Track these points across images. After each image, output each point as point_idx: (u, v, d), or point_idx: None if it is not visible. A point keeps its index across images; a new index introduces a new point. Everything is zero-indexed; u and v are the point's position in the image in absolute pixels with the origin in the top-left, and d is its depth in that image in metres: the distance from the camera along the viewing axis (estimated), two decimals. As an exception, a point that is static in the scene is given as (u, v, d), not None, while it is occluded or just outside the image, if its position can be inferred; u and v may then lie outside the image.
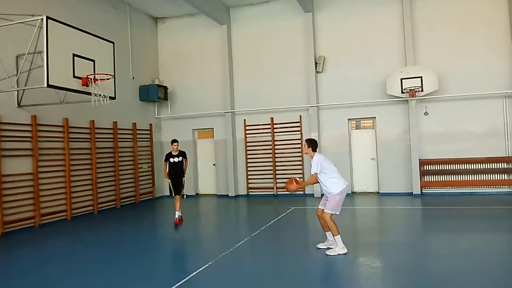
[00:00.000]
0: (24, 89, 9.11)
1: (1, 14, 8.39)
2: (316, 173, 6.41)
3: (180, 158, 9.63)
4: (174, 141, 9.69)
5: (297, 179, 6.70)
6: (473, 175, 12.05)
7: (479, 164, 12.00)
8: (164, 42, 15.45)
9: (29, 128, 9.75)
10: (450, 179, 12.27)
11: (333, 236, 6.36)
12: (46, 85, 7.76)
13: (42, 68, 7.77)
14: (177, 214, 9.54)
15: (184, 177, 9.75)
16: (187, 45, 15.04)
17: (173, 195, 9.68)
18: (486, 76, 11.88)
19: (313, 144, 6.65)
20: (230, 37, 14.49)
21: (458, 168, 12.17)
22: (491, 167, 11.91)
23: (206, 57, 14.76)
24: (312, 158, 6.58)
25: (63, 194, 10.61)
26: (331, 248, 6.38)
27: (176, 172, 9.59)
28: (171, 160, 9.60)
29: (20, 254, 7.35)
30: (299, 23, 13.66)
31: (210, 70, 14.67)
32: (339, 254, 6.22)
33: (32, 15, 8.03)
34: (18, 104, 9.53)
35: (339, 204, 6.39)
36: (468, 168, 12.09)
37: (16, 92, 9.35)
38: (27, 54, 8.04)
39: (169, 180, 9.60)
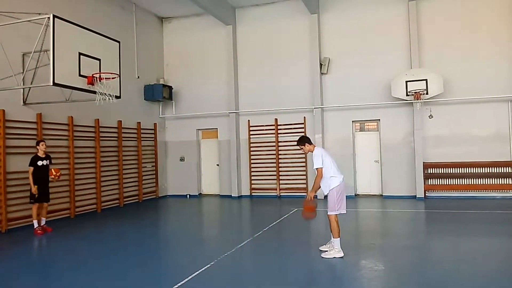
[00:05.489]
0: (30, 87, 9.16)
1: (8, 12, 8.43)
2: (321, 168, 6.25)
3: (47, 162, 8.70)
4: (41, 141, 8.80)
5: (308, 199, 6.42)
6: (477, 179, 12.00)
7: (483, 168, 11.93)
8: (170, 41, 15.48)
9: (34, 126, 9.80)
10: (454, 183, 12.22)
11: (332, 237, 6.32)
12: (52, 84, 7.79)
13: (48, 66, 7.80)
14: (43, 221, 8.77)
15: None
16: (192, 45, 15.06)
17: (34, 202, 8.54)
18: (491, 79, 11.83)
19: (306, 140, 6.58)
20: (236, 38, 14.50)
21: (462, 171, 12.12)
22: (495, 171, 11.84)
23: (211, 57, 14.78)
24: (312, 152, 6.43)
25: (66, 192, 10.65)
26: (329, 251, 6.34)
27: (44, 177, 8.62)
28: (39, 163, 8.56)
29: (23, 251, 7.38)
30: (305, 24, 13.65)
31: (215, 71, 14.69)
32: (334, 257, 6.18)
33: (39, 14, 8.07)
34: (24, 102, 9.59)
35: (340, 201, 6.28)
36: (472, 172, 12.03)
37: (22, 90, 9.40)
38: (34, 52, 8.08)
39: (35, 187, 8.45)
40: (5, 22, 8.33)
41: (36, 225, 8.65)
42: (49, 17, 7.77)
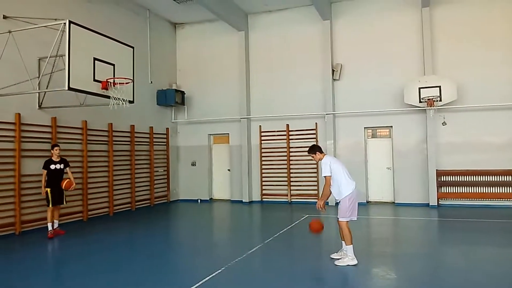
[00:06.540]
0: (45, 92, 9.31)
1: (25, 17, 8.61)
2: (329, 176, 6.26)
3: (62, 165, 8.89)
4: (55, 145, 8.96)
5: (318, 208, 6.35)
6: (491, 187, 11.81)
7: (497, 176, 11.75)
8: (182, 47, 15.60)
9: (49, 129, 9.95)
10: (467, 191, 12.05)
11: (345, 245, 6.27)
12: (67, 88, 7.93)
13: (64, 71, 7.94)
14: (56, 223, 8.88)
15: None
16: (205, 50, 15.17)
17: (50, 205, 8.66)
18: (505, 86, 11.67)
19: (317, 149, 6.58)
20: (248, 44, 14.56)
21: (476, 179, 11.94)
22: (510, 179, 11.64)
23: (223, 63, 14.86)
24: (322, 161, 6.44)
25: (79, 196, 10.76)
26: (342, 259, 6.29)
27: (58, 180, 8.78)
28: (52, 167, 8.74)
29: (36, 254, 7.47)
30: (317, 30, 13.66)
31: (227, 76, 14.76)
32: (348, 265, 6.13)
33: (55, 19, 8.22)
34: (39, 106, 9.74)
35: (352, 209, 6.25)
36: (486, 180, 11.85)
37: (37, 94, 9.56)
38: (49, 57, 8.21)
39: (48, 189, 8.62)
40: (22, 28, 8.51)
41: (50, 227, 8.75)
42: (65, 23, 7.91)
